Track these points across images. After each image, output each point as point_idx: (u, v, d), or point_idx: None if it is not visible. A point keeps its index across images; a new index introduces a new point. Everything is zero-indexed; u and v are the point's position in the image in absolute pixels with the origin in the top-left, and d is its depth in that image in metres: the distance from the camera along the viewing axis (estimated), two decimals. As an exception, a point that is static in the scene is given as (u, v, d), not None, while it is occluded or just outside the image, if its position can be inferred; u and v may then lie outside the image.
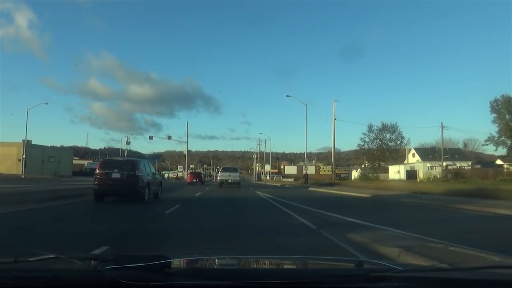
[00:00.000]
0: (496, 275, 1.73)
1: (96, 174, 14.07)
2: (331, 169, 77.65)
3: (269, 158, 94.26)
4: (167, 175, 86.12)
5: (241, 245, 6.15)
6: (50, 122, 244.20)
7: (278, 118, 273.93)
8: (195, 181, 43.86)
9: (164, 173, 77.44)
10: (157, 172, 19.51)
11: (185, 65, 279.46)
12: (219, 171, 36.67)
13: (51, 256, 1.69)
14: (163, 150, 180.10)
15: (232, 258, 2.34)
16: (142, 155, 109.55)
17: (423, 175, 57.50)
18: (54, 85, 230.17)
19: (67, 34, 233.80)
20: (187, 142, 63.93)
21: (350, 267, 2.04)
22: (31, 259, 1.70)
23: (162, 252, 1.75)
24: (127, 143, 71.67)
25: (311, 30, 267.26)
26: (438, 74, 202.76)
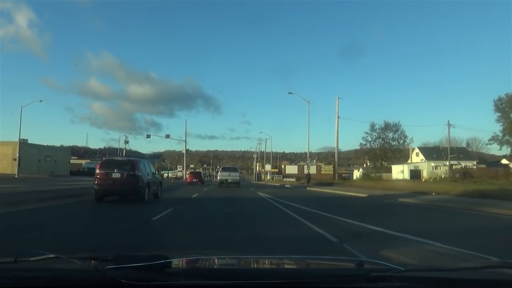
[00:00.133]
0: (496, 275, 1.73)
1: (96, 174, 14.11)
2: (332, 168, 75.00)
3: (270, 157, 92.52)
4: (166, 175, 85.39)
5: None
6: (50, 122, 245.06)
7: (278, 118, 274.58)
8: (195, 181, 43.81)
9: (163, 173, 76.87)
10: (156, 172, 19.50)
11: (185, 65, 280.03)
12: (219, 171, 36.74)
13: (51, 256, 1.69)
14: (163, 150, 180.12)
15: (232, 258, 2.34)
16: (142, 154, 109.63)
17: (427, 175, 55.66)
18: (54, 85, 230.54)
19: (67, 33, 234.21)
20: (185, 141, 62.41)
21: (350, 267, 2.03)
22: (31, 259, 1.70)
23: (161, 252, 1.74)
24: (125, 143, 71.29)
25: (311, 29, 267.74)
26: (440, 73, 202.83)
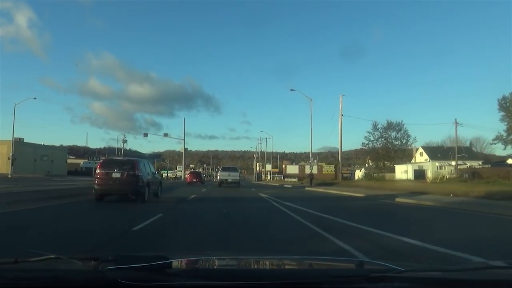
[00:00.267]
0: (496, 275, 1.73)
1: (96, 174, 14.21)
2: (334, 168, 74.75)
3: (270, 157, 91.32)
4: (166, 175, 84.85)
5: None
6: (50, 122, 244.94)
7: (278, 118, 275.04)
8: (195, 181, 43.95)
9: (162, 173, 76.47)
10: (156, 171, 19.56)
11: (185, 64, 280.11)
12: (219, 171, 36.94)
13: (52, 256, 1.69)
14: (163, 149, 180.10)
15: (232, 258, 2.34)
16: (141, 154, 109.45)
17: (431, 175, 54.21)
18: (54, 84, 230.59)
19: (67, 33, 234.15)
20: (184, 140, 61.16)
21: (351, 268, 2.03)
22: (32, 260, 1.70)
23: (162, 252, 1.74)
24: (124, 142, 70.67)
25: (312, 29, 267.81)
26: (443, 72, 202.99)
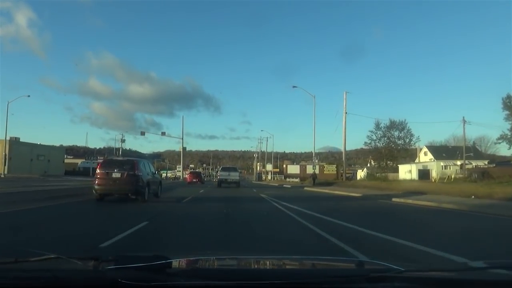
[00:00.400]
0: (496, 275, 1.73)
1: (96, 174, 14.38)
2: (335, 168, 71.74)
3: (271, 157, 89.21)
4: (165, 175, 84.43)
5: None
6: (50, 121, 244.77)
7: (278, 117, 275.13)
8: (195, 180, 44.52)
9: (162, 173, 76.18)
10: (156, 171, 19.73)
11: (185, 64, 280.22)
12: (219, 171, 37.18)
13: (52, 256, 1.68)
14: (163, 149, 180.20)
15: (232, 258, 2.34)
16: (142, 154, 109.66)
17: (436, 175, 51.63)
18: (54, 84, 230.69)
19: (67, 33, 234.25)
20: (182, 139, 58.36)
21: (351, 267, 2.04)
22: (32, 259, 1.70)
23: (161, 252, 1.74)
24: (122, 141, 69.82)
25: (312, 29, 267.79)
26: (446, 71, 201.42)
